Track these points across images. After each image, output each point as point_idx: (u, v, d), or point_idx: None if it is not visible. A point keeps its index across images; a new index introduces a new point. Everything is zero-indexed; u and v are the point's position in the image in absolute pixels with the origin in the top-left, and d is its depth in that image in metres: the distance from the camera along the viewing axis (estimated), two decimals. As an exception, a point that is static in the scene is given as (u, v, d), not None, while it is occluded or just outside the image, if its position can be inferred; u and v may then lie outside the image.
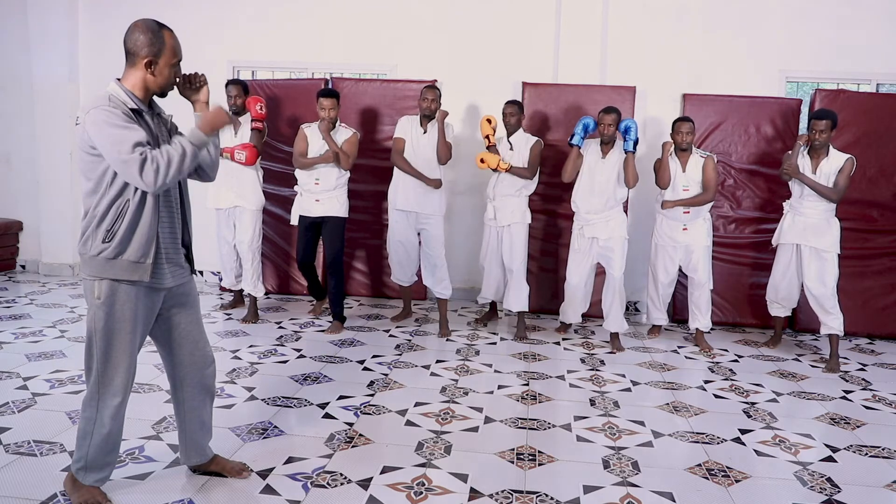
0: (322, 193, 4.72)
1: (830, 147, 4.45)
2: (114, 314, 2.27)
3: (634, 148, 4.44)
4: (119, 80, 2.29)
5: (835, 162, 4.42)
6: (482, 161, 4.70)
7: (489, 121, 4.71)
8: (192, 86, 2.40)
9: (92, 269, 2.26)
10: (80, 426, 2.37)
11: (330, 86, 5.64)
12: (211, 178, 2.53)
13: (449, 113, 4.78)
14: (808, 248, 4.52)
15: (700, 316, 4.82)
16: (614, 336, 4.76)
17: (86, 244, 2.27)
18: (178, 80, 2.37)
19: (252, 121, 4.83)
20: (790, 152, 4.54)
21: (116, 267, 2.24)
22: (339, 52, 5.95)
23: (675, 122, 4.67)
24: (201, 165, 2.47)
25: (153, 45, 2.23)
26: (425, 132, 4.73)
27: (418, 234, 4.92)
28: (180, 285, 2.44)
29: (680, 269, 4.90)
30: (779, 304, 4.85)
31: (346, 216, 4.83)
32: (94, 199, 2.24)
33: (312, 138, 4.71)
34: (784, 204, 4.71)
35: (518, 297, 4.86)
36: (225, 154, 4.76)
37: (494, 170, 4.73)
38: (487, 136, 4.71)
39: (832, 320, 4.51)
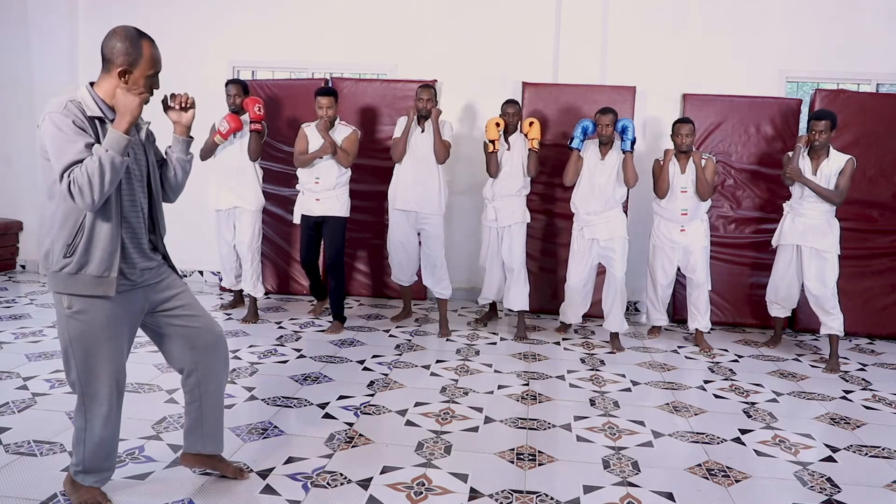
0: (322, 192, 4.71)
1: (830, 148, 4.44)
2: (89, 322, 2.18)
3: (632, 147, 4.44)
4: (92, 84, 2.20)
5: (835, 163, 4.41)
6: (530, 124, 4.69)
7: (498, 124, 4.70)
8: (177, 106, 2.33)
9: (55, 284, 2.17)
10: (73, 434, 2.34)
11: (329, 85, 5.64)
12: (170, 200, 2.45)
13: (442, 111, 4.78)
14: (809, 248, 4.51)
15: (699, 316, 4.82)
16: (614, 336, 4.76)
17: (48, 258, 2.17)
18: (164, 97, 2.32)
19: (250, 122, 4.83)
20: (790, 154, 4.54)
21: (79, 282, 2.14)
22: (339, 52, 5.96)
23: (675, 124, 4.66)
24: (165, 183, 2.40)
25: (129, 55, 2.13)
26: (423, 131, 4.74)
27: (418, 233, 4.92)
28: (161, 280, 2.37)
29: (679, 270, 4.90)
30: (778, 304, 4.85)
31: (347, 216, 4.82)
32: (51, 206, 2.14)
33: (312, 137, 4.72)
34: (784, 205, 4.71)
35: (519, 296, 4.86)
36: (217, 138, 4.75)
37: (528, 143, 4.70)
38: (493, 141, 4.70)
39: (832, 321, 4.51)
